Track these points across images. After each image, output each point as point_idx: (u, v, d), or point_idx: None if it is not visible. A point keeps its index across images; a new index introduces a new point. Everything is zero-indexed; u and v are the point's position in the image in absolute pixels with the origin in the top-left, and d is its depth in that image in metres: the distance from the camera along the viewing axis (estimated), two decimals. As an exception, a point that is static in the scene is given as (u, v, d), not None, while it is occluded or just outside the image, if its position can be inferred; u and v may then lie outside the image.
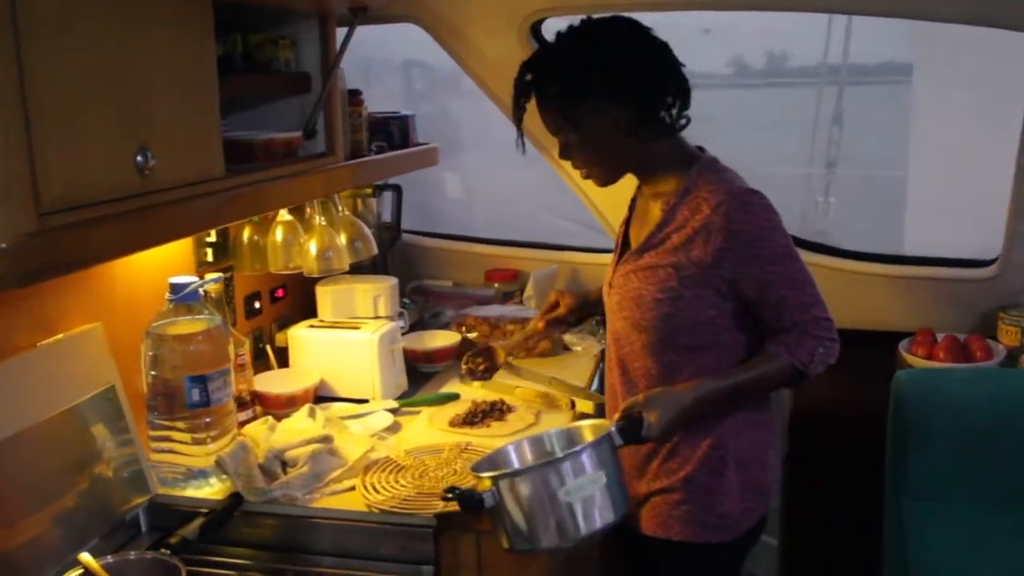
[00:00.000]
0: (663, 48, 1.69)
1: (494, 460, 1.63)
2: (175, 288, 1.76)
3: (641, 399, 1.63)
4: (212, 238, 2.16)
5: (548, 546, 1.47)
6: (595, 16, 1.70)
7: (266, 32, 1.94)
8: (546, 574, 1.88)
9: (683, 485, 1.74)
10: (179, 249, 2.04)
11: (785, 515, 2.89)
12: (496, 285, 2.92)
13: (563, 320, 2.15)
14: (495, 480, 1.47)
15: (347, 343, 2.27)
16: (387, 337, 2.29)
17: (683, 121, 1.72)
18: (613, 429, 1.55)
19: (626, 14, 1.71)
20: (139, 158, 1.32)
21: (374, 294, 2.41)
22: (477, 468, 1.58)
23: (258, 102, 1.99)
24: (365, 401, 2.22)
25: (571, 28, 1.68)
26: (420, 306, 2.88)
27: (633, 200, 1.89)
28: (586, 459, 1.47)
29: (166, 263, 1.96)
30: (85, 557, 1.44)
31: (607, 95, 1.65)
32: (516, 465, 1.62)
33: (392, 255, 2.93)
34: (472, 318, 2.66)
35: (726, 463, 1.74)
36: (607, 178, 1.77)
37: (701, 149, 1.78)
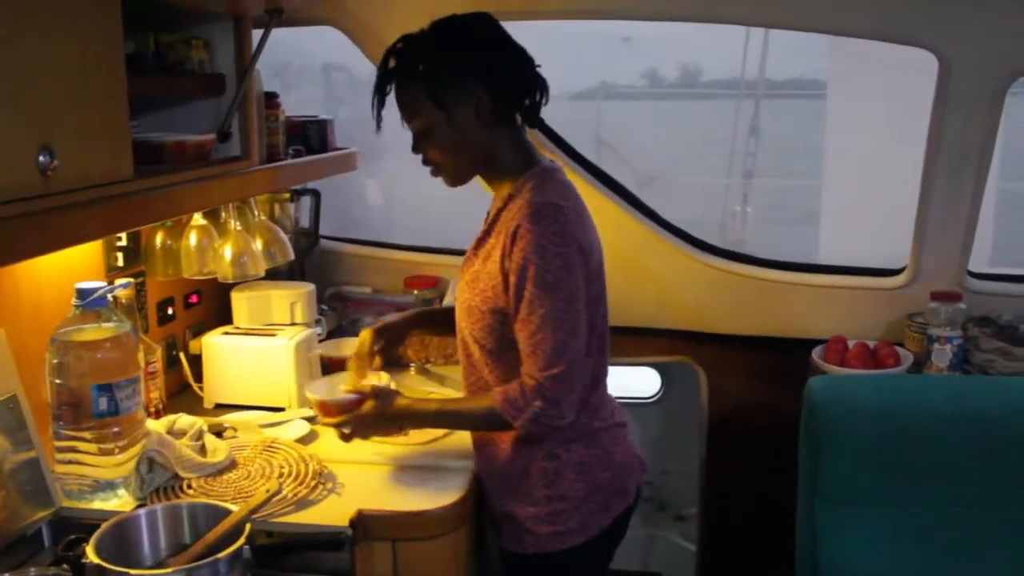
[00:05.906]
0: (520, 48, 1.71)
1: (122, 526, 1.49)
2: (82, 293, 1.70)
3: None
4: (123, 242, 2.10)
5: None
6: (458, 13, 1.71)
7: (180, 32, 1.90)
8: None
9: (544, 501, 1.74)
10: (88, 253, 1.98)
11: (702, 517, 2.93)
12: (416, 292, 2.89)
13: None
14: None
15: (263, 350, 2.23)
16: (304, 344, 2.25)
17: (536, 117, 1.72)
18: (246, 546, 1.40)
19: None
20: (41, 158, 1.27)
21: (291, 300, 2.37)
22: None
23: (170, 104, 1.95)
24: (281, 409, 2.19)
25: (437, 21, 1.69)
26: (339, 313, 2.85)
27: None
28: None
29: (74, 268, 1.90)
30: (-19, 574, 1.38)
31: (471, 74, 1.65)
32: (144, 534, 1.51)
33: (310, 261, 2.89)
34: (391, 325, 2.62)
35: (562, 474, 1.72)
36: (456, 174, 1.74)
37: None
